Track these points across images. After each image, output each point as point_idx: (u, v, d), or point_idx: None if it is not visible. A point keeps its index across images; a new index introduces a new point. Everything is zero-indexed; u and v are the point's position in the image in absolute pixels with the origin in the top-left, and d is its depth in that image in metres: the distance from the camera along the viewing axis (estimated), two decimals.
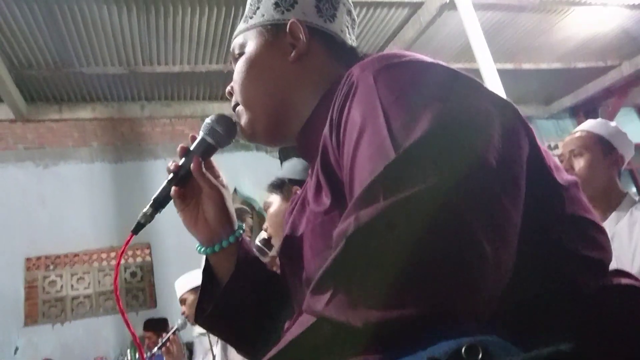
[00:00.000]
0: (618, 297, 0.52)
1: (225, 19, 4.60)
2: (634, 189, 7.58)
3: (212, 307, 0.81)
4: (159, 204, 0.79)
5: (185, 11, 4.41)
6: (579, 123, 1.94)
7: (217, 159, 0.86)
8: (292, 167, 1.64)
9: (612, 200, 1.73)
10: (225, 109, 5.79)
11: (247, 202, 5.39)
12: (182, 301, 2.73)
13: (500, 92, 4.09)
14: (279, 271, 0.87)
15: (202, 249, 0.83)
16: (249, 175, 5.61)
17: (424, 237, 0.40)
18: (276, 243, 1.56)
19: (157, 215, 0.81)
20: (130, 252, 5.45)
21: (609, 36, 5.97)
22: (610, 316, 0.49)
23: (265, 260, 1.61)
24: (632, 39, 6.07)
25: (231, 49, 0.84)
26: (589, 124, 1.84)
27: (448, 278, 0.38)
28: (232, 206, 0.84)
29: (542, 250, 0.50)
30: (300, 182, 1.52)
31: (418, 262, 0.39)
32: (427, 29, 5.04)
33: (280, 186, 1.60)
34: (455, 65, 0.55)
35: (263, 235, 1.64)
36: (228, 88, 0.83)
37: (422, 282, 0.38)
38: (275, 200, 1.60)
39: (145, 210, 0.78)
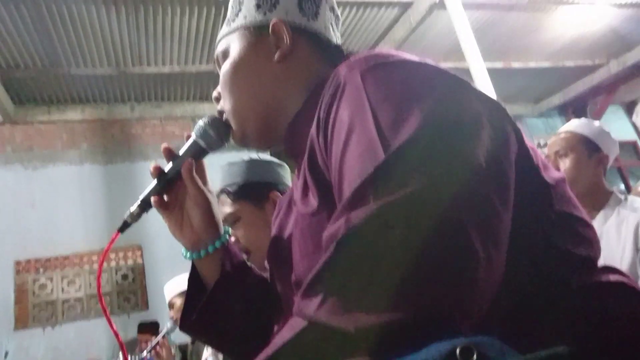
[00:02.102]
0: (607, 295, 0.52)
1: (215, 19, 4.58)
2: (622, 186, 7.64)
3: (197, 314, 0.80)
4: (147, 204, 0.78)
5: (175, 11, 4.39)
6: (568, 121, 1.96)
7: (207, 159, 0.85)
8: (255, 167, 1.42)
9: (599, 200, 1.75)
10: (215, 109, 5.74)
11: None
12: (171, 305, 2.73)
13: (490, 90, 4.11)
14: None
15: (188, 255, 0.82)
16: None
17: (415, 239, 0.39)
18: (255, 258, 1.34)
19: (148, 217, 0.81)
20: (121, 254, 5.41)
21: (596, 35, 6.01)
22: (601, 314, 0.49)
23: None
24: (619, 37, 6.12)
25: (215, 54, 0.82)
26: (573, 124, 1.86)
27: (441, 281, 0.38)
28: (218, 211, 0.83)
29: (532, 248, 0.50)
30: (272, 186, 1.35)
31: (410, 265, 0.38)
32: (417, 28, 5.05)
33: (251, 192, 1.37)
34: (445, 64, 0.55)
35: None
36: (214, 93, 0.82)
37: (414, 285, 0.38)
38: (245, 209, 1.37)
39: (132, 209, 0.77)
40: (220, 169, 1.46)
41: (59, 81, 5.21)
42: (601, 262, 0.58)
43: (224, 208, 1.40)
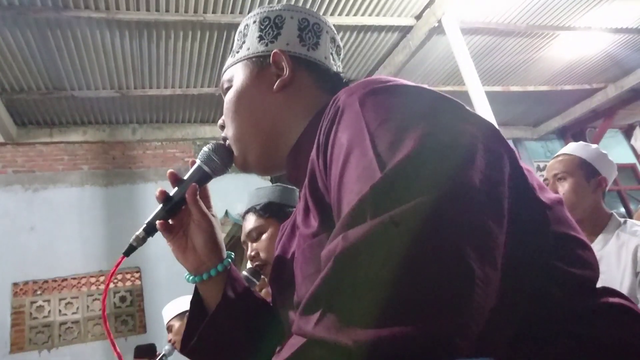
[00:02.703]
0: (607, 317, 0.52)
1: (217, 43, 4.65)
2: (622, 210, 7.64)
3: (197, 337, 0.80)
4: (153, 227, 0.79)
5: (177, 35, 4.46)
6: (567, 144, 1.96)
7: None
8: (281, 191, 1.59)
9: (598, 223, 1.74)
10: (216, 132, 5.79)
11: (238, 224, 5.35)
12: (169, 328, 2.71)
13: (489, 114, 4.14)
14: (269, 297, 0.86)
15: (191, 278, 0.83)
16: (241, 198, 5.55)
17: (412, 256, 0.40)
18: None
19: (148, 240, 0.81)
20: (119, 277, 5.38)
21: (594, 60, 6.10)
22: (601, 336, 0.49)
23: (256, 286, 1.57)
24: (616, 62, 6.20)
25: (220, 84, 0.86)
26: (571, 147, 1.86)
27: (438, 298, 0.38)
28: (221, 235, 0.84)
29: (529, 269, 0.50)
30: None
31: (407, 281, 0.39)
32: (417, 53, 5.12)
33: (277, 211, 1.52)
34: (444, 88, 0.56)
35: (248, 265, 1.54)
36: (220, 121, 0.85)
37: (411, 301, 0.38)
38: (270, 225, 1.51)
39: (137, 233, 0.78)
40: (248, 194, 1.66)
41: (62, 103, 5.26)
42: (601, 285, 0.58)
43: (248, 224, 1.56)
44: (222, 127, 0.84)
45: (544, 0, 4.76)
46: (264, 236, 1.51)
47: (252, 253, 1.52)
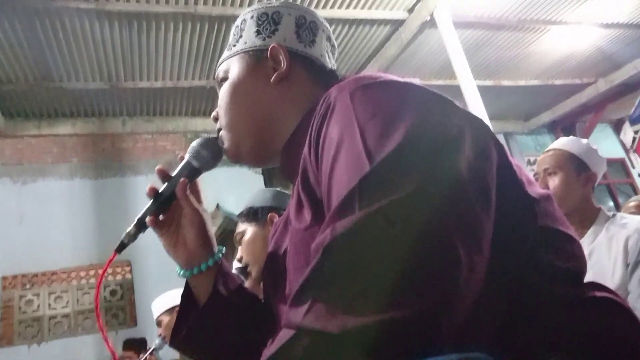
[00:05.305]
0: (593, 308, 0.53)
1: (208, 35, 4.61)
2: (611, 204, 7.71)
3: (187, 329, 0.81)
4: (143, 224, 0.79)
5: (168, 27, 4.41)
6: (557, 138, 1.98)
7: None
8: (261, 194, 1.69)
9: (587, 217, 1.77)
10: (207, 124, 5.78)
11: (229, 217, 5.34)
12: (159, 323, 2.70)
13: (480, 108, 4.15)
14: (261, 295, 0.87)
15: (182, 272, 0.83)
16: (232, 191, 5.59)
17: (398, 245, 0.41)
18: (254, 271, 1.56)
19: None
20: (110, 270, 5.35)
21: (584, 54, 6.12)
22: (587, 325, 0.50)
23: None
24: (607, 56, 6.23)
25: (215, 75, 0.87)
26: (562, 142, 1.89)
27: (423, 282, 0.39)
28: (212, 230, 0.85)
29: (516, 260, 0.51)
30: (273, 209, 1.59)
31: (393, 268, 0.40)
32: (409, 47, 5.12)
33: (254, 215, 1.62)
34: (436, 82, 0.57)
35: (237, 264, 1.62)
36: (214, 113, 0.85)
37: (398, 287, 0.39)
38: (249, 229, 1.61)
39: (129, 230, 0.79)
40: None
41: (50, 95, 5.19)
42: (592, 278, 0.59)
43: (237, 229, 1.68)
44: (216, 119, 0.85)
45: None
46: (243, 240, 1.62)
47: (238, 256, 1.63)
